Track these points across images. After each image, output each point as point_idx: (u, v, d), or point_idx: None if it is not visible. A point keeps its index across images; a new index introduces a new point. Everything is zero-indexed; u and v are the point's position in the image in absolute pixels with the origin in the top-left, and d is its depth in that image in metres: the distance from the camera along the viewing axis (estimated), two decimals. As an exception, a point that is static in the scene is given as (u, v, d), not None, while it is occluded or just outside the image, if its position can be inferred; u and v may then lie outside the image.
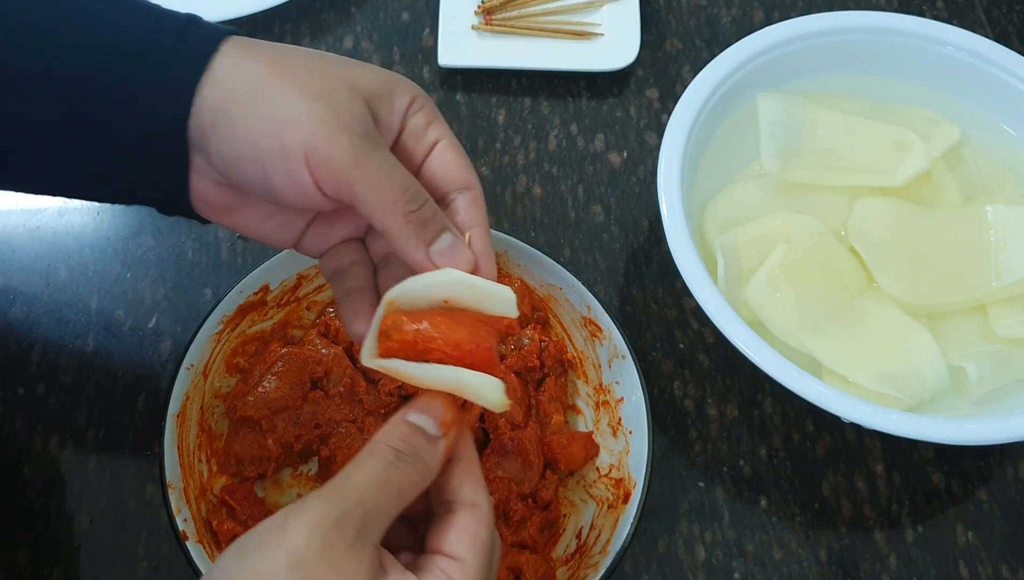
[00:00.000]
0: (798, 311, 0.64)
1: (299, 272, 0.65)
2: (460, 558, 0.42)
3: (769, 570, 0.65)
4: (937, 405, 0.64)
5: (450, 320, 0.43)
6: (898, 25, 0.73)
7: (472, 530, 0.42)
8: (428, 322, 0.43)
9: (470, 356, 0.43)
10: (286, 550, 0.38)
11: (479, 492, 0.44)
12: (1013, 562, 0.65)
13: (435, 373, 0.43)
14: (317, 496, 0.40)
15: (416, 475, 0.42)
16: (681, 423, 0.69)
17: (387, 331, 0.43)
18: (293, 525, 0.39)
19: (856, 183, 0.69)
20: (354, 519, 0.39)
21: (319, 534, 0.38)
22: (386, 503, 0.41)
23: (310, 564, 0.38)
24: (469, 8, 0.83)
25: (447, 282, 0.44)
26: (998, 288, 0.66)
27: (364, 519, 0.40)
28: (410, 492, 0.42)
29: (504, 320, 0.45)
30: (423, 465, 0.42)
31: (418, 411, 0.44)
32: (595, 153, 0.80)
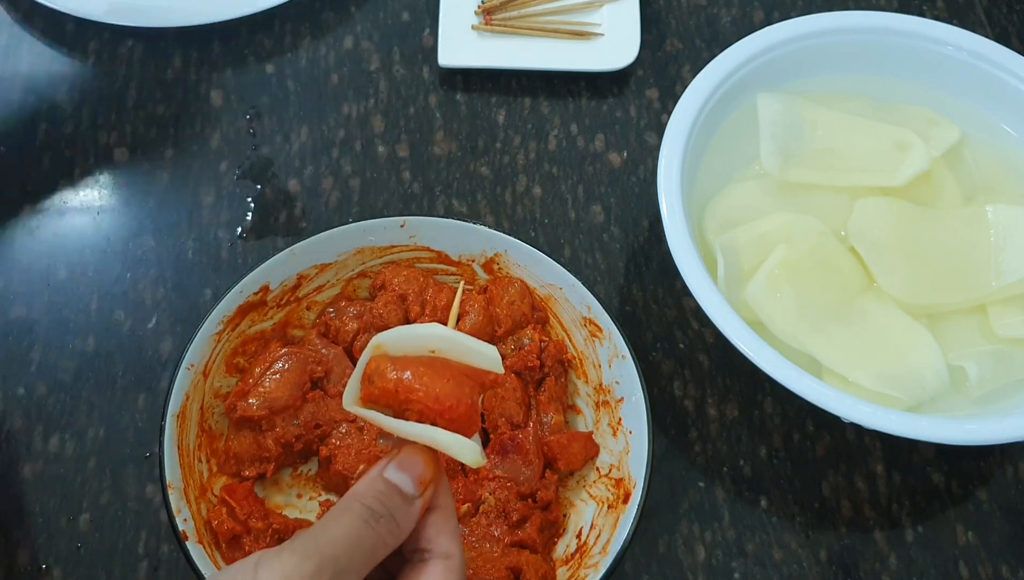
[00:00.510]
0: (798, 311, 0.64)
1: (299, 272, 0.65)
2: None
3: (769, 570, 0.65)
4: (937, 405, 0.63)
5: (433, 371, 0.43)
6: (898, 25, 0.73)
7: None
8: (411, 372, 0.43)
9: (450, 411, 0.43)
10: None
11: (453, 544, 0.44)
12: (1013, 562, 0.65)
13: (411, 430, 0.43)
14: (291, 548, 0.40)
15: (389, 536, 0.42)
16: (681, 423, 0.69)
17: (370, 376, 0.43)
18: (265, 575, 0.39)
19: (856, 183, 0.69)
20: (326, 574, 0.39)
21: None
22: (358, 561, 0.41)
23: None
24: (469, 8, 0.83)
25: (433, 336, 0.44)
26: (998, 288, 0.66)
27: (335, 574, 0.40)
28: (382, 551, 0.42)
29: (489, 374, 0.45)
30: (396, 526, 0.42)
31: (397, 467, 0.44)
32: (595, 153, 0.80)
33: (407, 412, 0.44)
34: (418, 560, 0.44)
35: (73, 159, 0.77)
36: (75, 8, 0.80)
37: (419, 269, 0.68)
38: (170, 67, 0.82)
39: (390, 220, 0.66)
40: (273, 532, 0.58)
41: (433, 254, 0.67)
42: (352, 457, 0.62)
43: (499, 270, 0.67)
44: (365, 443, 0.62)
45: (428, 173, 0.78)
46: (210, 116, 0.80)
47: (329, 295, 0.67)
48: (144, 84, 0.81)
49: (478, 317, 0.65)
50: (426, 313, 0.66)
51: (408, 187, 0.77)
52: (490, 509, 0.61)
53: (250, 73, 0.82)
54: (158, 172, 0.77)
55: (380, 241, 0.66)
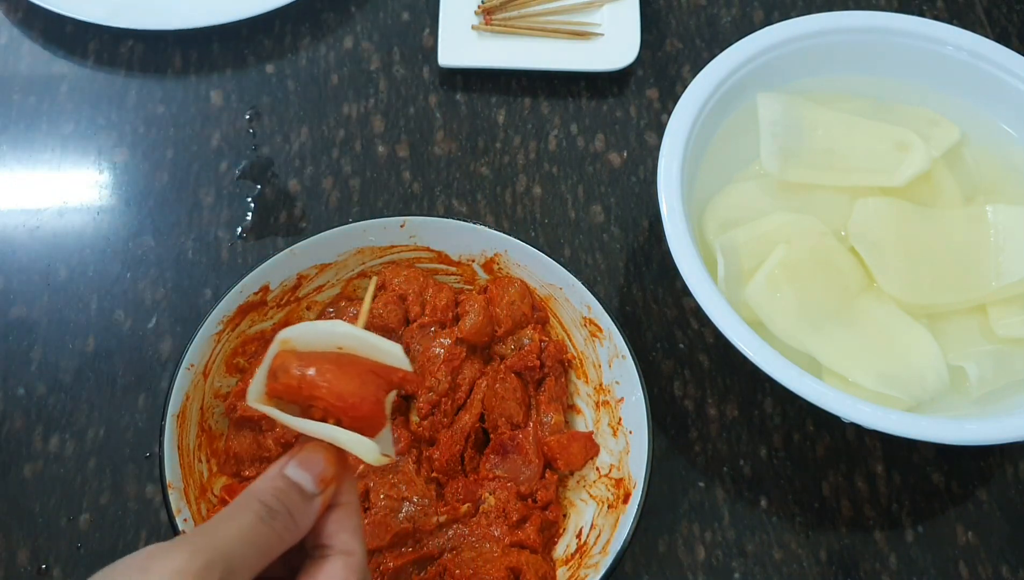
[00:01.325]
0: (798, 311, 0.64)
1: (299, 272, 0.65)
2: None
3: (769, 570, 0.65)
4: (937, 405, 0.63)
5: (339, 369, 0.43)
6: (898, 25, 0.73)
7: (342, 577, 0.42)
8: (316, 368, 0.42)
9: (353, 409, 0.43)
10: None
11: (354, 541, 0.43)
12: (1013, 562, 0.65)
13: (312, 427, 0.43)
14: (183, 542, 0.39)
15: (286, 533, 0.42)
16: (681, 423, 0.69)
17: (275, 371, 0.43)
18: (156, 570, 0.38)
19: (856, 183, 0.69)
20: (217, 570, 0.39)
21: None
22: (252, 558, 0.40)
23: None
24: (469, 8, 0.83)
25: (338, 333, 0.43)
26: (998, 288, 0.66)
27: (227, 571, 0.39)
28: (277, 548, 0.41)
29: (398, 371, 0.44)
30: (294, 524, 0.42)
31: (298, 465, 0.43)
32: (595, 153, 0.80)
33: (312, 409, 0.43)
34: (319, 556, 0.43)
35: (73, 158, 0.78)
36: (75, 11, 0.79)
37: (419, 269, 0.67)
38: (170, 67, 0.82)
39: (390, 220, 0.66)
40: (273, 532, 0.58)
41: (433, 254, 0.67)
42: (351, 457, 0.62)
43: (499, 270, 0.67)
44: (365, 443, 0.62)
45: (428, 173, 0.78)
46: (210, 116, 0.80)
47: (329, 295, 0.67)
48: (144, 84, 0.81)
49: (478, 317, 0.65)
50: (426, 313, 0.66)
51: (408, 187, 0.77)
52: (490, 509, 0.61)
53: (250, 73, 0.82)
54: (158, 172, 0.77)
55: (380, 241, 0.66)
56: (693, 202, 0.67)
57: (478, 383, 0.64)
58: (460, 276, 0.68)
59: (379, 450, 0.43)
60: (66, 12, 0.80)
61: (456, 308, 0.67)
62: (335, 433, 0.43)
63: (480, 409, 0.63)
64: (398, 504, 0.60)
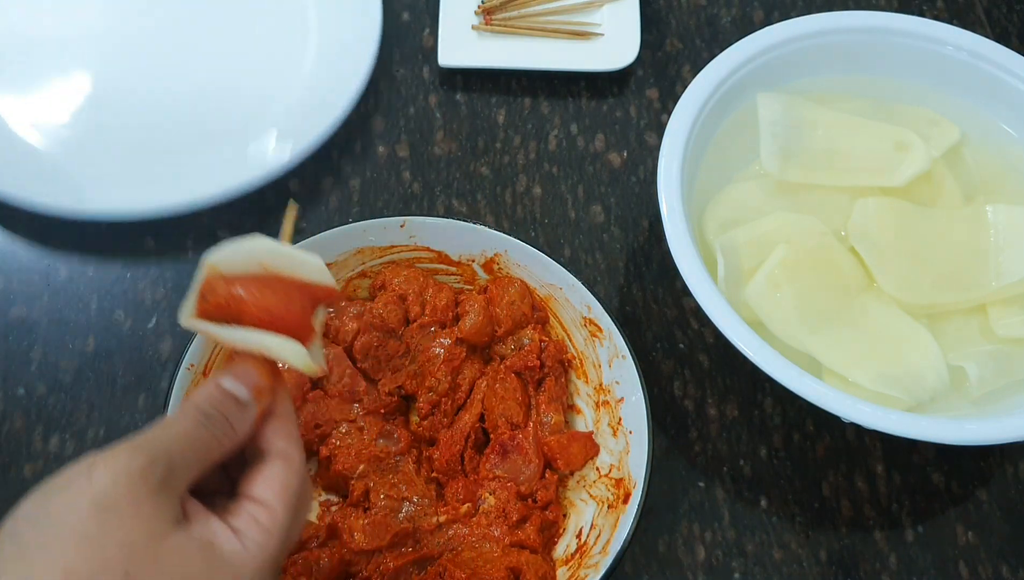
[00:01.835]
0: (798, 311, 0.64)
1: (299, 272, 0.65)
2: (268, 504, 0.43)
3: (769, 570, 0.65)
4: (937, 405, 0.63)
5: (264, 286, 0.45)
6: (898, 25, 0.73)
7: (282, 479, 0.44)
8: (242, 287, 0.45)
9: (280, 320, 0.45)
10: (90, 494, 0.39)
11: (292, 445, 0.45)
12: (1013, 562, 0.65)
13: (240, 336, 0.45)
14: (123, 446, 0.41)
15: (223, 437, 0.44)
16: (681, 423, 0.69)
17: (204, 294, 0.45)
18: (99, 471, 0.40)
19: (856, 183, 0.69)
20: (159, 468, 0.40)
21: (124, 480, 0.40)
22: (191, 458, 0.42)
23: (114, 507, 0.39)
24: (469, 8, 0.83)
25: (260, 249, 0.46)
26: (998, 288, 0.66)
27: (169, 470, 0.41)
28: (216, 451, 0.43)
29: (322, 287, 0.47)
30: (230, 428, 0.44)
31: (232, 377, 0.45)
32: (595, 153, 0.80)
33: (241, 326, 0.45)
34: (257, 461, 0.45)
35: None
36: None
37: (419, 269, 0.67)
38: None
39: (390, 220, 0.66)
40: (273, 532, 0.58)
41: (433, 254, 0.67)
42: (352, 457, 0.62)
43: (499, 270, 0.67)
44: (365, 443, 0.62)
45: (428, 173, 0.78)
46: (210, 116, 0.80)
47: (329, 295, 0.67)
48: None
49: (478, 317, 0.65)
50: (426, 313, 0.66)
51: (408, 187, 0.77)
52: (490, 509, 0.61)
53: (250, 73, 0.82)
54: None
55: (380, 241, 0.66)
56: (693, 202, 0.67)
57: (478, 383, 0.64)
58: (460, 276, 0.68)
59: (307, 355, 0.45)
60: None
61: (456, 308, 0.67)
62: (264, 338, 0.45)
63: (480, 409, 0.64)
64: (398, 504, 0.60)
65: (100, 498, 0.39)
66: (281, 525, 0.43)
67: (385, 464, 0.62)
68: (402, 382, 0.64)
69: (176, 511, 0.41)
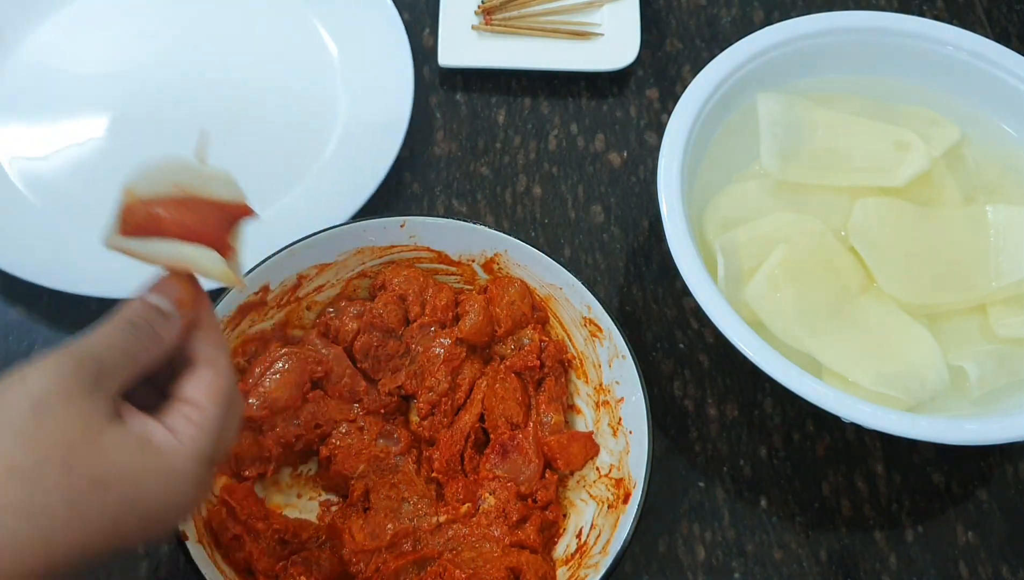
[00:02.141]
0: (798, 311, 0.64)
1: (299, 272, 0.65)
2: (198, 403, 0.46)
3: (769, 570, 0.65)
4: (937, 405, 0.63)
5: (181, 206, 0.47)
6: (898, 25, 0.73)
7: (210, 380, 0.47)
8: (161, 207, 0.47)
9: (198, 236, 0.47)
10: (26, 396, 0.41)
11: (218, 351, 0.48)
12: (1013, 562, 0.65)
13: (159, 248, 0.47)
14: (53, 353, 0.43)
15: (150, 343, 0.46)
16: (681, 423, 0.69)
17: (124, 218, 0.47)
18: (32, 375, 0.42)
19: (856, 183, 0.69)
20: (90, 369, 0.43)
21: (56, 380, 0.42)
22: (119, 361, 0.44)
23: (49, 405, 0.41)
24: (469, 8, 0.83)
25: (173, 166, 0.48)
26: (998, 288, 0.66)
27: (100, 371, 0.43)
28: (143, 356, 0.45)
29: (236, 205, 0.49)
30: (156, 335, 0.46)
31: (155, 292, 0.47)
32: (595, 153, 0.80)
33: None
34: (186, 367, 0.47)
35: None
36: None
37: (419, 269, 0.68)
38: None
39: (390, 220, 0.66)
40: (273, 532, 0.58)
41: (433, 254, 0.67)
42: (352, 457, 0.62)
43: (499, 270, 0.67)
44: (365, 443, 0.62)
45: (428, 173, 0.78)
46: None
47: (329, 295, 0.67)
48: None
49: (478, 317, 0.65)
50: (426, 313, 0.66)
51: (408, 187, 0.77)
52: (490, 509, 0.61)
53: (250, 73, 0.82)
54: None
55: (380, 241, 0.66)
56: (693, 202, 0.67)
57: (478, 383, 0.64)
58: (460, 276, 0.68)
59: (224, 264, 0.48)
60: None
61: (456, 308, 0.67)
62: (181, 248, 0.47)
63: (480, 409, 0.64)
64: (398, 505, 0.60)
65: (35, 399, 0.41)
66: (212, 422, 0.46)
67: (385, 464, 0.62)
68: (402, 382, 0.65)
69: (110, 409, 0.43)
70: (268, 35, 0.83)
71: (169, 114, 0.72)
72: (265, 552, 0.58)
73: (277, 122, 0.79)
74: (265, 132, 0.78)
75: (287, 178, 0.76)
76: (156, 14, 0.83)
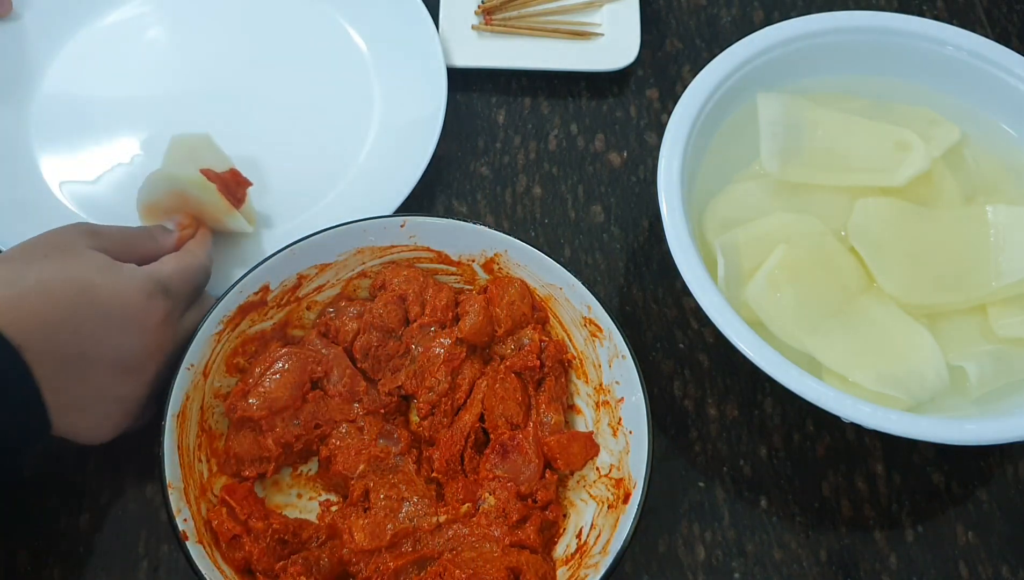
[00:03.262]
0: (798, 311, 0.64)
1: (299, 272, 0.65)
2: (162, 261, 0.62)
3: (769, 570, 0.65)
4: (937, 405, 0.63)
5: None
6: (898, 25, 0.73)
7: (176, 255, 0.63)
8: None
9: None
10: (46, 236, 0.59)
11: (198, 245, 0.66)
12: (1013, 562, 0.65)
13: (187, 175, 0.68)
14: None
15: (149, 240, 0.64)
16: (681, 423, 0.69)
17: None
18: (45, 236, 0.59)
19: (856, 183, 0.69)
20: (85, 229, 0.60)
21: (71, 228, 0.60)
22: (118, 239, 0.62)
23: (60, 237, 0.59)
24: (469, 8, 0.83)
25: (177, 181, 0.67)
26: (998, 288, 0.66)
27: (97, 233, 0.60)
28: (138, 243, 0.63)
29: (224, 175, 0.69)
30: (152, 237, 0.65)
31: (168, 221, 0.67)
32: (595, 153, 0.80)
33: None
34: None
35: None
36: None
37: (419, 269, 0.68)
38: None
39: (390, 220, 0.66)
40: (273, 532, 0.58)
41: (433, 254, 0.67)
42: (352, 457, 0.62)
43: (499, 270, 0.67)
44: (365, 443, 0.62)
45: (428, 173, 0.78)
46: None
47: (329, 295, 0.67)
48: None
49: (478, 317, 0.65)
50: (426, 313, 0.66)
51: (408, 187, 0.77)
52: (490, 509, 0.61)
53: (250, 73, 0.82)
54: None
55: (380, 241, 0.66)
56: (693, 202, 0.67)
57: (478, 383, 0.64)
58: (460, 276, 0.68)
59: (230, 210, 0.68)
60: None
61: (456, 308, 0.67)
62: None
63: (480, 409, 0.64)
64: (398, 504, 0.60)
65: (52, 237, 0.59)
66: (167, 262, 0.62)
67: (385, 464, 0.62)
68: (402, 382, 0.65)
69: (95, 247, 0.59)
70: (299, 41, 0.83)
71: (205, 127, 0.73)
72: (265, 552, 0.58)
73: (314, 127, 0.79)
74: (303, 138, 0.79)
75: (326, 181, 0.76)
76: (183, 31, 0.83)
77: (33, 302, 0.54)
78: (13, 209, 0.72)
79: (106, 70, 0.81)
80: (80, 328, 0.55)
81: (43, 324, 0.53)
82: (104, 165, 0.76)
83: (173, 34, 0.83)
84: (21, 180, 0.75)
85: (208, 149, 0.71)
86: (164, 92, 0.80)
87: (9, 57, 0.79)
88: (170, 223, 0.66)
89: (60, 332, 0.54)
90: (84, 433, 0.58)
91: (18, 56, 0.80)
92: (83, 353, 0.55)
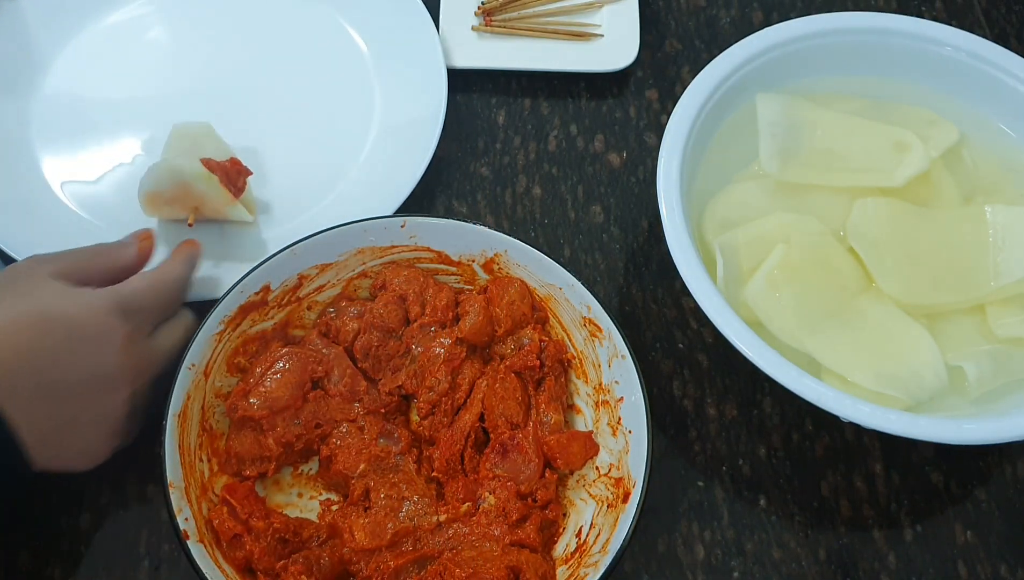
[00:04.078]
0: (797, 311, 0.64)
1: (300, 272, 0.65)
2: (128, 281, 0.62)
3: (768, 569, 0.65)
4: (936, 405, 0.64)
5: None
6: (897, 26, 0.73)
7: (145, 274, 0.63)
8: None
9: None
10: (9, 270, 0.60)
11: (175, 262, 0.65)
12: (1012, 561, 0.66)
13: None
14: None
15: (106, 257, 0.64)
16: (680, 423, 0.69)
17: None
18: (11, 266, 0.61)
19: (855, 183, 0.69)
20: (55, 257, 0.61)
21: (32, 259, 0.61)
22: (76, 262, 0.62)
23: (23, 267, 0.60)
24: (469, 9, 0.84)
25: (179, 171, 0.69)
26: (997, 288, 0.66)
27: (54, 258, 0.61)
28: (99, 264, 0.63)
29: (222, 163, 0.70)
30: (109, 252, 0.65)
31: (129, 235, 0.67)
32: (595, 153, 0.80)
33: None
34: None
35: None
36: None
37: (419, 269, 0.68)
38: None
39: (390, 220, 0.66)
40: (274, 531, 0.58)
41: (433, 254, 0.68)
42: (352, 456, 0.62)
43: (499, 270, 0.67)
44: (365, 442, 0.62)
45: (428, 173, 0.78)
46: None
47: (330, 295, 0.68)
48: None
49: (478, 317, 0.65)
50: (426, 313, 0.66)
51: (408, 187, 0.77)
52: (490, 508, 0.61)
53: (250, 73, 0.82)
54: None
55: (380, 241, 0.66)
56: (693, 202, 0.67)
57: (478, 383, 0.65)
58: (460, 276, 0.69)
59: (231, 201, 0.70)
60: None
61: (456, 308, 0.67)
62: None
63: (480, 409, 0.64)
64: (398, 504, 0.61)
65: (8, 273, 0.60)
66: (129, 284, 0.61)
67: (385, 464, 0.62)
68: (402, 382, 0.65)
69: (55, 273, 0.59)
70: (299, 42, 0.83)
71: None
72: (266, 551, 0.58)
73: (314, 128, 0.79)
74: (303, 139, 0.79)
75: (326, 182, 0.76)
76: (185, 32, 0.84)
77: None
78: (14, 209, 0.73)
79: (108, 70, 0.81)
80: (45, 357, 0.55)
81: (6, 360, 0.54)
82: (105, 165, 0.77)
83: (175, 34, 0.83)
84: (22, 180, 0.75)
85: (209, 138, 0.72)
86: (165, 92, 0.80)
87: (11, 57, 0.79)
88: (128, 238, 0.66)
89: (25, 365, 0.55)
90: (74, 459, 0.59)
91: (20, 56, 0.80)
92: (53, 381, 0.56)
